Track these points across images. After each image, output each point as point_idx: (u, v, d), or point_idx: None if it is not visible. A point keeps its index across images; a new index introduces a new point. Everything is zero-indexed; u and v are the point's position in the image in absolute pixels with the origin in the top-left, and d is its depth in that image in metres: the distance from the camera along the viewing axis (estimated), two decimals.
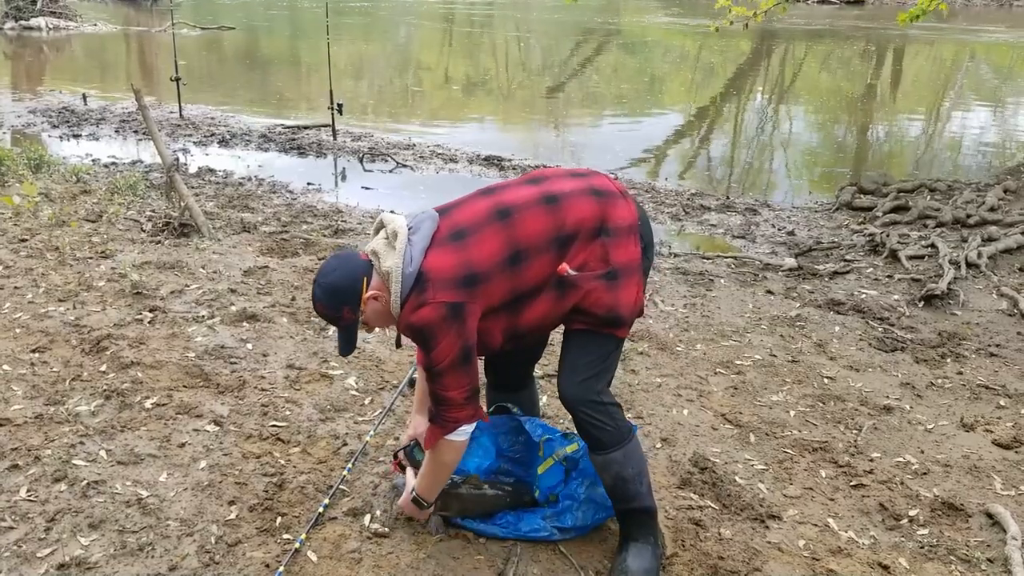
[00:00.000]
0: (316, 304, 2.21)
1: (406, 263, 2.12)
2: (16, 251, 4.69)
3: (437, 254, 2.13)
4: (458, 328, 2.10)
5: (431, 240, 2.16)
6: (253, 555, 2.38)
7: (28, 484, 2.62)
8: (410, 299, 2.12)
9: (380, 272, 2.17)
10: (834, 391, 3.56)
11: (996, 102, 13.76)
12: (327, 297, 2.19)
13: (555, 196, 2.21)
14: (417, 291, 2.11)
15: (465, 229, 2.16)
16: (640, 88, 14.52)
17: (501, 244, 2.14)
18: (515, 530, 2.47)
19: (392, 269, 2.12)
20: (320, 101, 9.62)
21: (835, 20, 26.99)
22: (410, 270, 2.12)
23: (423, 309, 2.09)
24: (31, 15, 19.42)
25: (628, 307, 2.23)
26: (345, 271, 2.19)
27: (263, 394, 3.28)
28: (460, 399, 2.17)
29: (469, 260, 2.12)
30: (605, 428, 2.27)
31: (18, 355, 3.46)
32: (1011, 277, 5.07)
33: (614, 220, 2.21)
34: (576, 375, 2.26)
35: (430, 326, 2.09)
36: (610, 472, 2.31)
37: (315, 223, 5.76)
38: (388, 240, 2.20)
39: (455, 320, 2.09)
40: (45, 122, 9.49)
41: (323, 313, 2.22)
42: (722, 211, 6.81)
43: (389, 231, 2.20)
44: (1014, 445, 3.15)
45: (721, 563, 2.43)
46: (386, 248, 2.18)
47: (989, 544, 2.59)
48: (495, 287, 2.14)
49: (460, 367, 2.13)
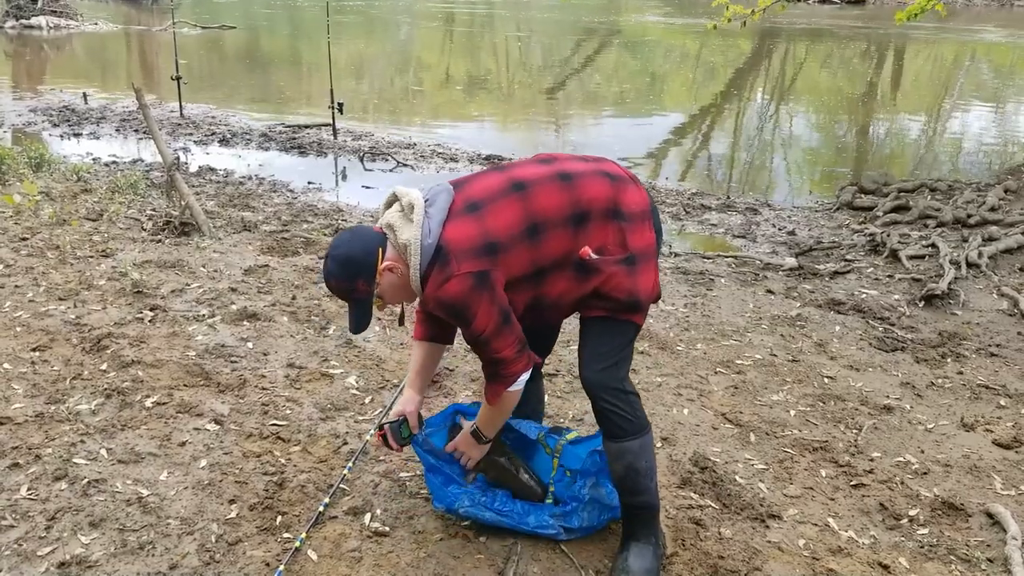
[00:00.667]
0: (329, 279, 2.15)
1: (424, 234, 2.09)
2: (17, 250, 4.69)
3: (455, 225, 2.11)
4: (489, 294, 2.09)
5: (448, 212, 2.13)
6: (253, 554, 2.38)
7: (29, 483, 2.62)
8: (433, 273, 2.09)
9: (397, 245, 2.13)
10: (834, 391, 3.56)
11: (997, 102, 13.76)
12: (340, 269, 2.12)
13: (569, 174, 2.22)
14: (440, 264, 2.08)
15: (480, 201, 2.15)
16: (640, 88, 14.52)
17: (518, 215, 2.14)
18: (522, 521, 2.46)
19: (411, 241, 2.08)
20: (321, 100, 9.62)
21: (836, 20, 26.98)
22: (429, 241, 2.09)
23: (450, 283, 2.06)
24: (32, 14, 19.42)
25: (647, 292, 2.25)
26: (359, 242, 2.14)
27: (263, 393, 3.28)
28: (513, 354, 2.18)
29: (487, 230, 2.10)
30: (625, 416, 2.26)
31: (19, 354, 3.46)
32: (1012, 277, 5.07)
33: (627, 205, 2.22)
34: (598, 362, 2.26)
35: (462, 299, 2.07)
36: (624, 461, 2.30)
37: (316, 222, 5.76)
38: (404, 212, 2.15)
39: (484, 287, 2.08)
40: (46, 121, 9.49)
41: (336, 287, 2.15)
42: (723, 211, 6.81)
43: (404, 203, 2.16)
44: (1014, 445, 3.15)
45: (721, 563, 2.43)
46: (402, 220, 2.14)
47: (989, 544, 2.59)
48: (515, 257, 2.13)
49: (504, 328, 2.14)
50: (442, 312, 2.14)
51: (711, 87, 14.75)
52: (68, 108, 10.15)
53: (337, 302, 4.23)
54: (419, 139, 9.25)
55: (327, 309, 4.13)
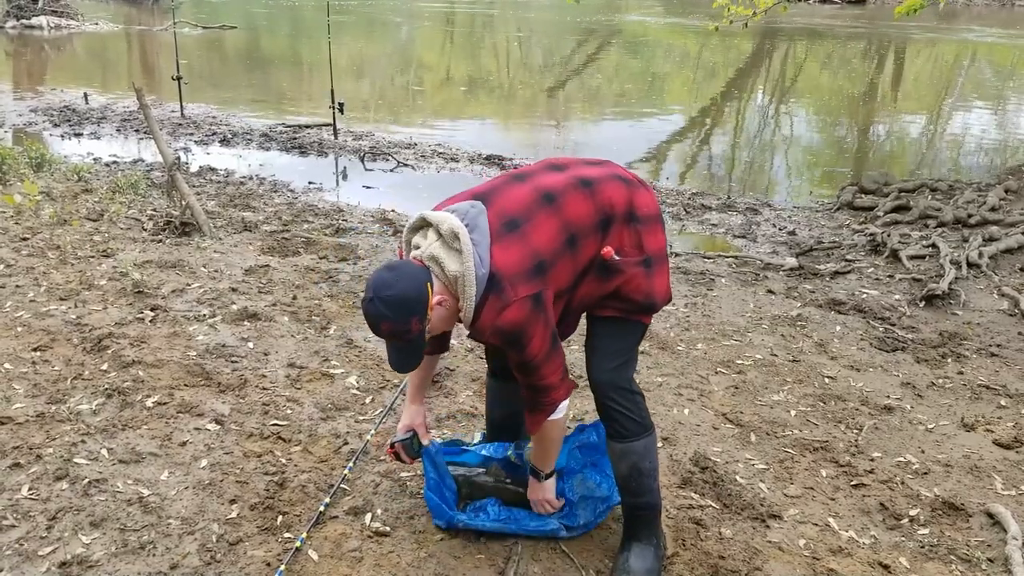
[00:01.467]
0: (381, 322, 2.02)
1: (477, 265, 2.02)
2: (17, 250, 4.69)
3: (502, 249, 2.06)
4: (544, 318, 2.08)
5: (490, 235, 2.07)
6: (254, 554, 2.38)
7: (29, 483, 2.63)
8: (488, 301, 2.04)
9: (444, 277, 2.05)
10: (835, 391, 3.56)
11: (997, 102, 13.76)
12: (395, 311, 2.00)
13: (588, 180, 2.22)
14: (495, 293, 2.03)
15: (517, 218, 2.11)
16: (641, 87, 14.52)
17: (557, 228, 2.13)
18: (523, 527, 2.47)
19: (464, 273, 2.01)
20: (321, 100, 9.62)
21: (836, 20, 26.98)
22: (483, 271, 2.03)
23: (509, 310, 2.03)
24: (32, 14, 19.43)
25: (662, 294, 2.27)
26: (408, 281, 2.02)
27: (264, 393, 3.28)
28: (558, 381, 2.18)
29: (534, 250, 2.08)
30: (631, 416, 2.27)
31: (19, 354, 3.46)
32: (1012, 277, 5.07)
33: (641, 208, 2.24)
34: (608, 362, 2.27)
35: (521, 325, 2.05)
36: (628, 461, 2.30)
37: (316, 222, 5.77)
38: (446, 242, 2.06)
39: (540, 311, 2.07)
40: (46, 121, 9.50)
41: (390, 330, 2.04)
42: (723, 211, 6.81)
43: (445, 232, 2.06)
44: (1015, 445, 3.15)
45: (722, 562, 2.44)
46: (446, 251, 2.05)
47: (990, 544, 2.59)
48: (561, 271, 2.13)
49: (553, 352, 2.13)
50: (498, 339, 2.09)
51: (711, 87, 14.75)
52: (69, 108, 10.15)
53: (339, 302, 4.23)
54: (420, 139, 9.25)
55: (327, 309, 4.13)
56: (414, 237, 2.17)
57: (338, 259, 4.92)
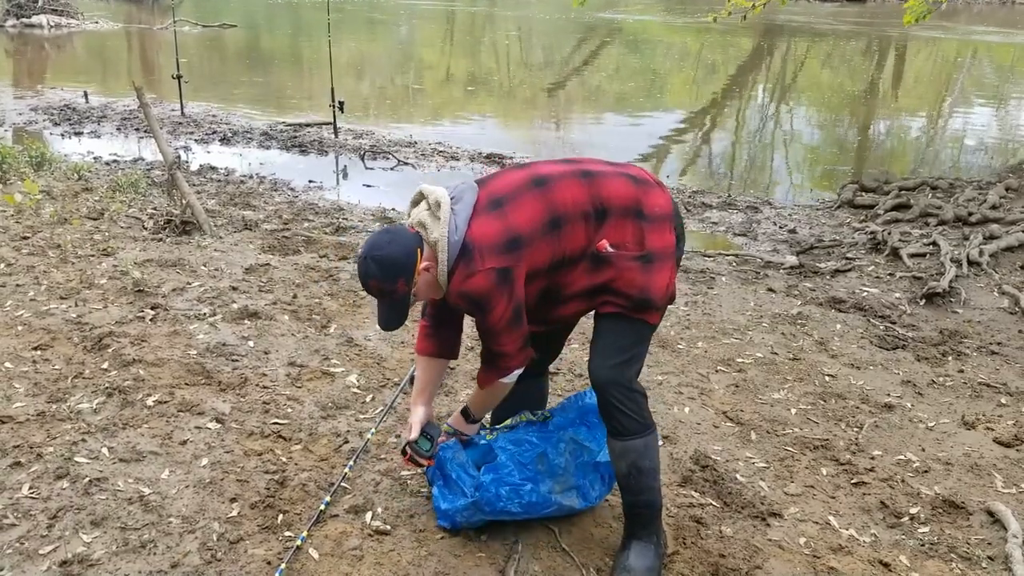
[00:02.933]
0: (368, 279, 2.20)
1: (451, 231, 2.16)
2: (18, 249, 4.69)
3: (480, 222, 2.18)
4: (509, 291, 2.18)
5: (473, 209, 2.20)
6: (255, 552, 2.38)
7: (30, 481, 2.63)
8: (459, 268, 2.17)
9: (429, 243, 2.20)
10: (835, 389, 3.56)
11: (998, 100, 13.75)
12: (383, 271, 2.17)
13: (590, 172, 2.30)
14: (465, 260, 2.16)
15: (503, 197, 2.23)
16: (641, 85, 14.51)
17: (540, 210, 2.21)
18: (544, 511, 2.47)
19: (439, 238, 2.16)
20: (322, 99, 9.61)
21: (837, 18, 26.95)
22: (456, 238, 2.16)
23: (474, 278, 2.15)
24: (32, 12, 19.41)
25: (660, 291, 2.27)
26: (399, 244, 2.19)
27: (264, 391, 3.28)
28: (515, 350, 2.29)
29: (510, 226, 2.18)
30: (630, 415, 2.28)
31: (20, 353, 3.46)
32: (1012, 275, 5.07)
33: (650, 207, 2.27)
34: (609, 359, 2.29)
35: (483, 293, 2.16)
36: (627, 460, 2.31)
37: (316, 221, 5.76)
38: (431, 211, 2.22)
39: (505, 284, 2.16)
40: (46, 120, 9.49)
41: (376, 287, 2.20)
42: (723, 209, 6.80)
43: (431, 201, 2.23)
44: (1015, 443, 3.15)
45: (722, 561, 2.44)
46: (431, 219, 2.21)
47: (990, 542, 2.60)
48: (537, 251, 2.20)
49: (513, 325, 2.23)
50: (463, 303, 2.22)
51: (712, 85, 14.74)
52: (69, 107, 10.15)
53: (339, 300, 4.23)
54: (420, 137, 9.25)
55: (328, 308, 4.13)
56: (412, 209, 2.33)
57: (338, 257, 4.92)
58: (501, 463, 2.46)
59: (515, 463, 2.45)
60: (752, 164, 9.34)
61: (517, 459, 2.46)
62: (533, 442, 2.50)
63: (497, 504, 2.41)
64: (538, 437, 2.52)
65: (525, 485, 2.43)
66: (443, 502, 2.50)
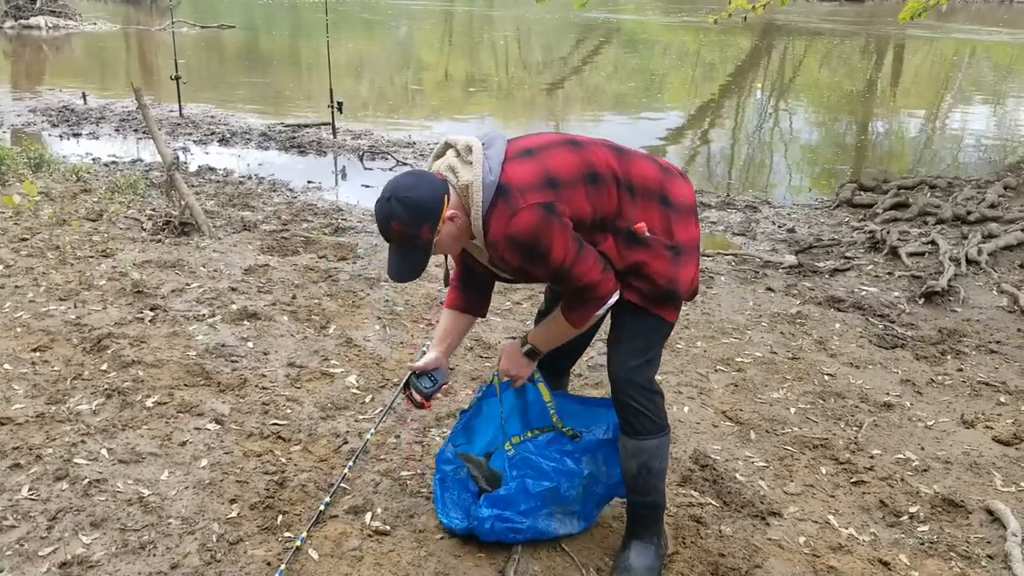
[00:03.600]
0: (390, 220, 2.03)
1: (486, 173, 2.05)
2: (17, 250, 4.69)
3: (514, 165, 2.09)
4: (560, 222, 2.04)
5: (504, 155, 2.10)
6: (254, 553, 2.38)
7: (30, 483, 2.63)
8: (497, 211, 2.04)
9: (458, 188, 2.08)
10: (834, 388, 3.56)
11: (996, 99, 13.76)
12: (408, 213, 2.01)
13: (620, 148, 2.26)
14: (504, 200, 2.04)
15: (535, 147, 2.15)
16: (640, 85, 14.52)
17: (576, 162, 2.13)
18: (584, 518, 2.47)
19: (473, 179, 2.04)
20: (320, 99, 9.61)
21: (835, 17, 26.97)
22: (491, 179, 2.05)
23: (518, 217, 2.02)
24: (31, 14, 19.40)
25: (686, 284, 2.24)
26: (427, 186, 2.05)
27: (264, 392, 3.28)
28: (598, 276, 2.14)
29: (547, 168, 2.09)
30: (648, 415, 2.25)
31: (19, 354, 3.46)
32: (1011, 274, 5.07)
33: (675, 196, 2.24)
34: (631, 359, 2.24)
35: (534, 231, 2.02)
36: (639, 459, 2.29)
37: (315, 221, 5.76)
38: (461, 156, 2.12)
39: (553, 216, 2.03)
40: (45, 121, 9.49)
41: (398, 232, 2.04)
42: (722, 208, 6.81)
43: (460, 147, 2.13)
44: (1014, 442, 3.16)
45: (722, 560, 2.44)
46: (461, 163, 2.10)
47: (989, 540, 2.60)
48: (577, 197, 2.09)
49: (581, 253, 2.09)
50: (516, 254, 2.06)
51: (710, 84, 14.74)
52: (67, 108, 10.14)
53: (338, 301, 4.23)
54: (418, 137, 9.25)
55: (327, 309, 4.13)
56: (435, 162, 2.21)
57: (337, 258, 4.92)
58: (506, 496, 2.38)
59: (523, 493, 2.38)
60: (751, 163, 9.34)
61: (525, 489, 2.38)
62: (549, 474, 2.40)
63: (491, 536, 2.39)
64: (555, 467, 2.41)
65: (523, 522, 2.38)
66: (443, 516, 2.48)
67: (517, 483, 2.39)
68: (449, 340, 2.46)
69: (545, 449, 2.47)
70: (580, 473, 2.43)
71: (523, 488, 2.38)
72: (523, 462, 2.42)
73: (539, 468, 2.41)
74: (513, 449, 2.47)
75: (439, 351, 2.46)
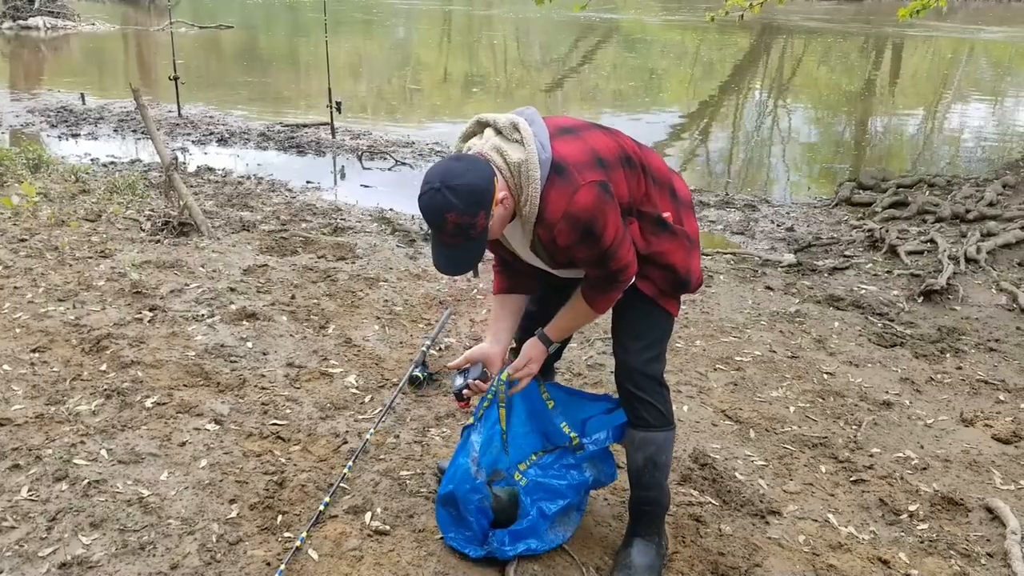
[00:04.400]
0: (446, 213, 1.89)
1: (539, 149, 1.97)
2: (15, 251, 4.68)
3: (560, 143, 2.02)
4: (614, 204, 2.01)
5: (548, 133, 2.03)
6: (254, 553, 2.38)
7: (29, 484, 2.63)
8: (554, 189, 1.96)
9: (509, 166, 1.97)
10: (834, 387, 3.56)
11: (995, 97, 13.76)
12: (464, 202, 1.88)
13: (639, 142, 2.26)
14: (560, 178, 1.96)
15: (573, 127, 2.11)
16: (639, 84, 14.51)
17: (612, 143, 2.11)
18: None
19: (528, 157, 1.95)
20: (319, 99, 9.61)
21: (834, 16, 26.97)
22: (546, 155, 1.97)
23: (579, 195, 1.94)
24: (29, 14, 19.38)
25: (696, 275, 2.27)
26: (478, 171, 1.92)
27: (263, 392, 3.28)
28: (632, 258, 2.11)
29: (592, 147, 2.05)
30: (656, 407, 2.25)
31: (18, 355, 3.46)
32: (1010, 272, 5.07)
33: (679, 189, 2.29)
34: (642, 353, 2.23)
35: (593, 209, 1.96)
36: (646, 452, 2.28)
37: (314, 221, 5.76)
38: (505, 135, 2.02)
39: (610, 196, 2.00)
40: (43, 122, 9.48)
41: (454, 223, 1.90)
42: (721, 207, 6.81)
43: (502, 126, 2.03)
44: (1013, 440, 3.16)
45: (721, 559, 2.44)
46: (507, 142, 2.00)
47: (989, 539, 2.60)
48: (617, 178, 2.06)
49: (625, 234, 2.07)
50: (571, 234, 1.98)
51: (709, 83, 14.74)
52: (66, 109, 10.14)
53: (337, 301, 4.23)
54: (417, 137, 9.25)
55: (326, 309, 4.13)
56: (467, 142, 2.12)
57: (336, 258, 4.92)
58: (531, 527, 2.36)
59: (542, 519, 2.37)
60: (750, 162, 9.34)
61: (543, 513, 2.37)
62: (563, 492, 2.40)
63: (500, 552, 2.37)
64: (567, 484, 2.42)
65: (531, 542, 2.38)
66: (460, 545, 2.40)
67: (535, 510, 2.38)
68: (497, 326, 2.33)
69: (552, 469, 2.47)
70: (587, 481, 2.45)
71: (541, 513, 2.38)
72: (536, 487, 2.43)
73: (552, 489, 2.41)
74: (524, 477, 2.46)
75: (487, 340, 2.35)
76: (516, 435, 2.50)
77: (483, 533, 2.37)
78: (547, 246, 2.06)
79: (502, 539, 2.36)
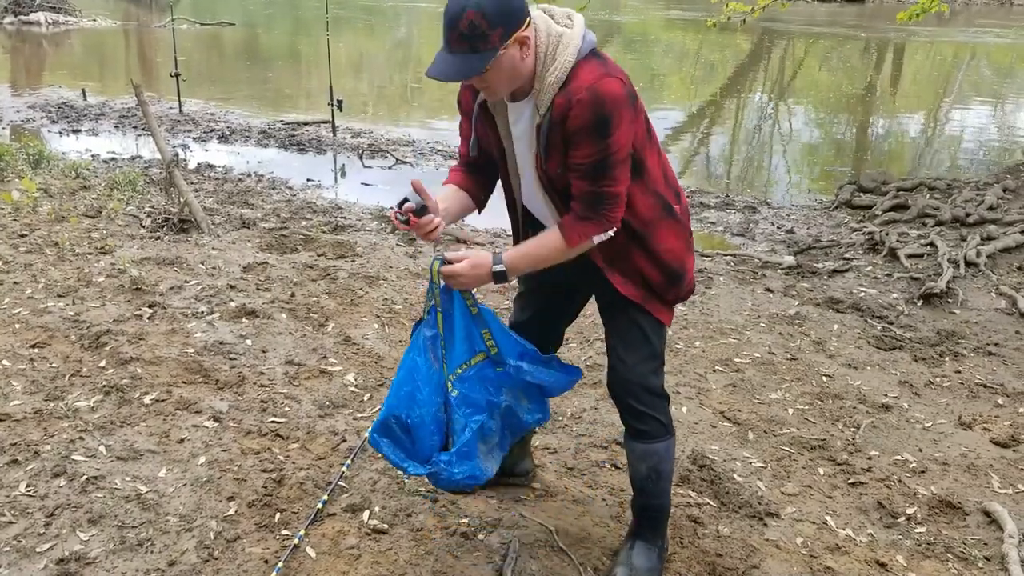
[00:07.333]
0: (468, 9, 1.79)
1: (586, 32, 1.94)
2: (15, 247, 4.68)
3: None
4: (632, 117, 1.92)
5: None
6: (252, 551, 2.38)
7: (27, 479, 2.63)
8: (590, 66, 1.90)
9: (548, 33, 1.91)
10: (833, 389, 3.57)
11: (996, 100, 13.77)
12: (493, 9, 1.80)
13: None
14: (598, 60, 1.91)
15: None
16: (639, 85, 14.50)
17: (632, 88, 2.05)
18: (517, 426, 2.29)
19: (572, 32, 1.92)
20: (320, 97, 9.60)
21: (835, 18, 26.97)
22: (591, 37, 1.93)
23: (610, 80, 1.88)
24: (30, 10, 19.37)
25: (690, 276, 2.22)
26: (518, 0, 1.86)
27: (262, 390, 3.28)
28: (623, 194, 2.00)
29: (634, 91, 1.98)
30: (656, 419, 2.23)
31: (17, 350, 3.46)
32: (1010, 276, 5.08)
33: (683, 199, 2.25)
34: (641, 364, 2.20)
35: (614, 101, 1.88)
36: (648, 463, 2.26)
37: (314, 219, 5.76)
38: (556, 20, 1.97)
39: (634, 106, 1.92)
40: (44, 117, 9.48)
41: (470, 22, 1.80)
42: (721, 209, 6.81)
43: (559, 14, 1.98)
44: (1011, 443, 3.16)
45: (719, 560, 2.44)
46: (555, 23, 1.95)
47: (986, 542, 2.60)
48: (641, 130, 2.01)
49: (627, 160, 1.97)
50: (586, 116, 1.88)
51: (710, 85, 14.75)
52: (67, 104, 10.13)
53: (337, 299, 4.23)
54: (418, 136, 9.24)
55: (326, 307, 4.13)
56: None
57: (336, 256, 4.92)
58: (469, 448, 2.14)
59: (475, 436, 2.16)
60: (750, 164, 9.34)
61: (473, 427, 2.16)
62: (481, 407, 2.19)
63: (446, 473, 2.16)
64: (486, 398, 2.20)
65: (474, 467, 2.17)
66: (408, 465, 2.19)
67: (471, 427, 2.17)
68: (442, 206, 2.14)
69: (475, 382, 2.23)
70: (499, 405, 2.24)
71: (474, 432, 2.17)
72: (464, 400, 2.20)
73: (476, 404, 2.20)
74: (455, 389, 2.21)
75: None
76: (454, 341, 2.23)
77: (430, 450, 2.17)
78: (554, 128, 1.94)
79: (449, 459, 2.15)
